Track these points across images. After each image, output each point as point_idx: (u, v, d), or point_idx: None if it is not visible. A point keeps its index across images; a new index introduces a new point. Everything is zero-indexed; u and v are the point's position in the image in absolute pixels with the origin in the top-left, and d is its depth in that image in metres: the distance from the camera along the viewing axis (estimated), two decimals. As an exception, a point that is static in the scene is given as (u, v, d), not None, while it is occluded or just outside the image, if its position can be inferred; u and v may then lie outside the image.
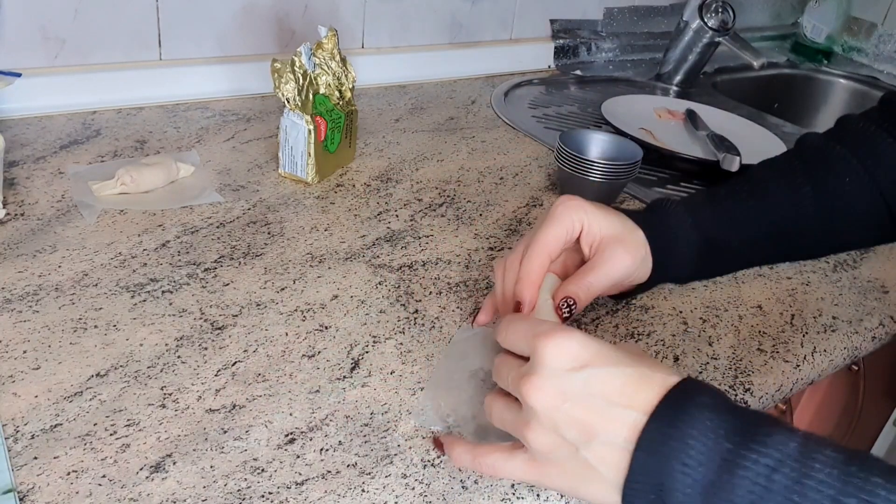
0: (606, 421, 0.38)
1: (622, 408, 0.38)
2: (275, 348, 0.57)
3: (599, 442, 0.38)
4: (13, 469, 0.44)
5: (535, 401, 0.40)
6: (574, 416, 0.39)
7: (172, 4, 0.94)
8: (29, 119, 0.87)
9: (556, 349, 0.40)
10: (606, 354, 0.40)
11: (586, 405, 0.39)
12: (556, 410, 0.39)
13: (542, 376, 0.40)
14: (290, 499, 0.45)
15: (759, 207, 0.58)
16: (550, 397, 0.39)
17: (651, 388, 0.38)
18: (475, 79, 1.22)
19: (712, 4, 1.26)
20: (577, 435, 0.39)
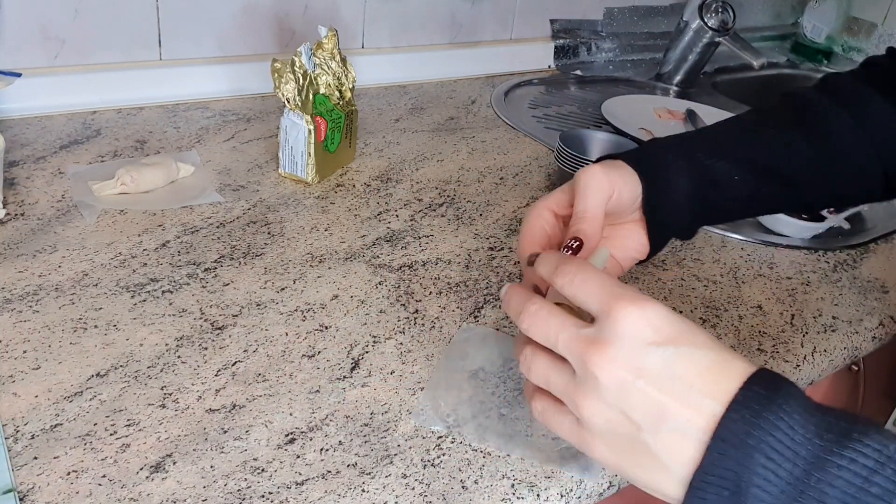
0: (682, 406, 0.34)
1: (702, 395, 0.34)
2: (275, 348, 0.57)
3: (669, 428, 0.34)
4: (13, 469, 0.44)
5: (603, 372, 0.35)
6: (647, 395, 0.35)
7: (172, 4, 0.94)
8: (29, 119, 0.87)
9: (639, 317, 0.35)
10: (692, 333, 0.36)
11: (663, 386, 0.35)
12: (627, 386, 0.35)
13: (617, 346, 0.35)
14: (290, 499, 0.45)
15: (754, 143, 0.56)
16: (624, 371, 0.35)
17: (732, 376, 0.35)
18: (475, 79, 1.22)
19: (712, 4, 1.26)
20: (645, 417, 0.35)
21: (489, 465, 0.49)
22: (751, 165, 0.55)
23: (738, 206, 0.58)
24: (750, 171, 0.56)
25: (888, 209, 0.96)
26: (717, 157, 0.55)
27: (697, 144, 0.55)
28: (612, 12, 1.39)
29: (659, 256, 0.76)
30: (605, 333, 0.36)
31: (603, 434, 0.37)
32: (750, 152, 0.56)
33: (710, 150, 0.55)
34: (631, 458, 0.36)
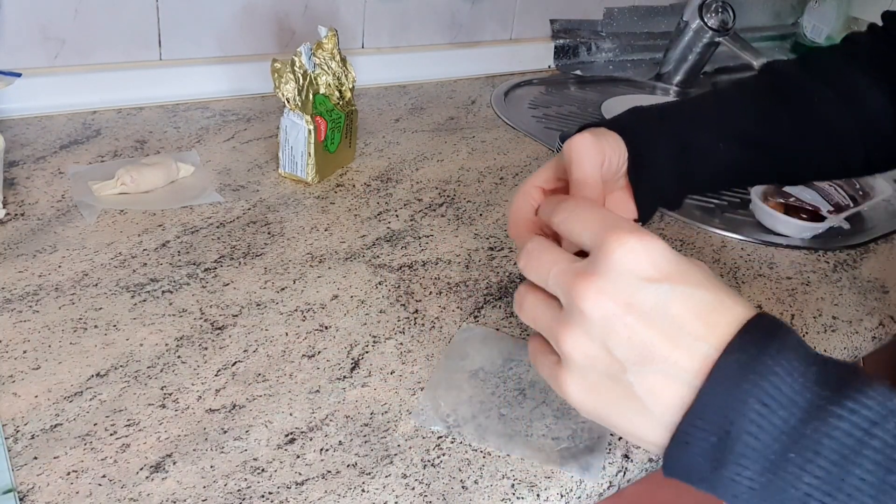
0: (672, 347, 0.32)
1: (694, 338, 0.32)
2: (275, 348, 0.57)
3: (655, 369, 0.32)
4: (13, 469, 0.44)
5: (589, 303, 0.33)
6: (635, 331, 0.32)
7: (172, 4, 0.94)
8: (29, 119, 0.87)
9: (635, 251, 0.33)
10: (691, 273, 0.33)
11: (654, 324, 0.32)
12: (614, 320, 0.32)
13: (608, 278, 0.33)
14: (290, 499, 0.45)
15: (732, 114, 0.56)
16: (613, 304, 0.32)
17: (729, 320, 0.32)
18: (475, 79, 1.22)
19: (712, 4, 1.26)
20: (631, 354, 0.32)
21: (489, 465, 0.49)
22: (733, 135, 0.55)
23: (722, 176, 0.57)
24: (732, 141, 0.55)
25: (888, 209, 0.96)
26: (699, 126, 0.54)
27: (679, 114, 0.55)
28: (612, 12, 1.38)
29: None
30: (596, 265, 0.33)
31: (581, 370, 0.34)
32: (731, 122, 0.56)
33: (693, 120, 0.55)
34: (610, 399, 0.34)
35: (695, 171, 0.54)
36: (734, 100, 0.57)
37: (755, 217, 0.88)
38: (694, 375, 0.32)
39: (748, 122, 0.56)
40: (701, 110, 0.56)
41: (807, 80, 0.58)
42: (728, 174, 0.57)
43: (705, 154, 0.54)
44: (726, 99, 0.58)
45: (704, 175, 0.55)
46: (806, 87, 0.58)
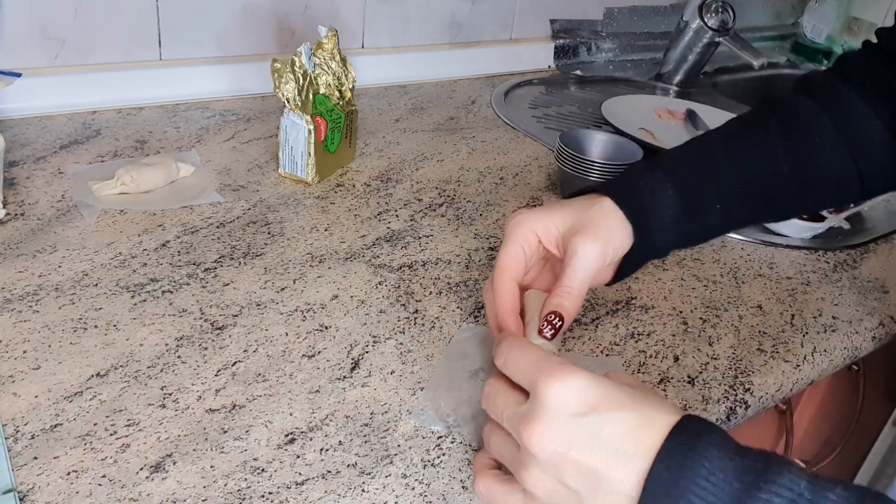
0: (614, 469, 0.36)
1: (628, 455, 0.36)
2: (275, 348, 0.57)
3: (606, 490, 0.37)
4: (13, 469, 0.44)
5: (536, 447, 0.38)
6: (580, 463, 0.37)
7: (172, 4, 0.94)
8: (29, 119, 0.87)
9: (560, 391, 0.38)
10: (612, 397, 0.38)
11: (593, 453, 0.37)
12: (560, 457, 0.37)
13: (545, 422, 0.38)
14: (290, 499, 0.45)
15: (736, 166, 0.56)
16: (555, 444, 0.37)
17: (655, 431, 0.37)
18: (475, 79, 1.22)
19: (712, 4, 1.26)
20: (582, 484, 0.37)
21: (489, 465, 0.49)
22: (735, 190, 0.56)
23: (715, 232, 0.60)
24: (733, 197, 0.57)
25: (888, 209, 0.96)
26: (704, 190, 0.55)
27: (687, 175, 0.55)
28: (612, 12, 1.38)
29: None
30: (534, 409, 0.38)
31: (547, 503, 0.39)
32: (734, 175, 0.56)
33: (698, 182, 0.55)
34: None
35: (690, 237, 0.58)
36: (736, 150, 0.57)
37: (755, 217, 0.88)
38: (635, 489, 0.36)
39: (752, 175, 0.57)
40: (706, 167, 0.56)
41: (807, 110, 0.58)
42: (720, 231, 0.60)
43: (705, 219, 0.57)
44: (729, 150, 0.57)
45: (698, 238, 0.59)
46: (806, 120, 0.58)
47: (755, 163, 0.57)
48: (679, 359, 0.62)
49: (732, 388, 0.60)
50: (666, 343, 0.63)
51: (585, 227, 0.50)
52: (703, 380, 0.60)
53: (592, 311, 0.66)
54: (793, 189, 0.58)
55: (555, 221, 0.51)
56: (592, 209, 0.51)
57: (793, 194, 0.58)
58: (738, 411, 0.58)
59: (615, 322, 0.65)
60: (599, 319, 0.65)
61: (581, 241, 0.49)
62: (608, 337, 0.63)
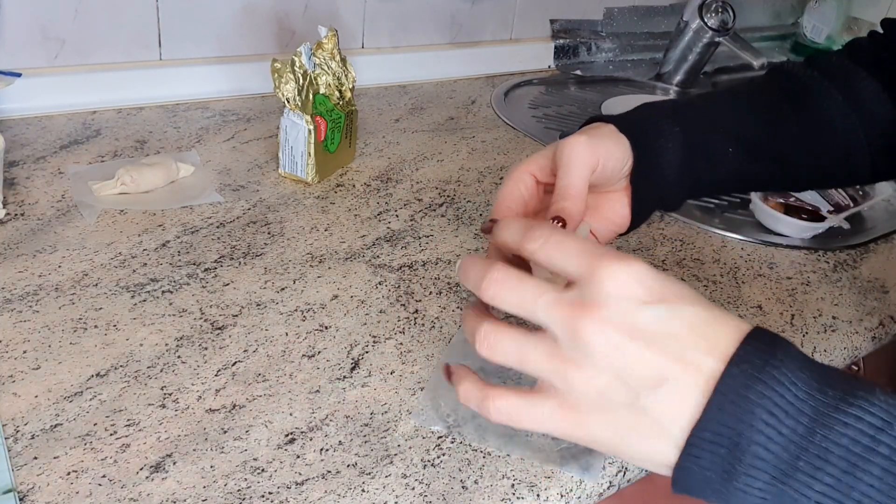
0: (682, 365, 0.32)
1: (701, 353, 0.32)
2: (275, 348, 0.57)
3: (668, 390, 0.32)
4: (13, 469, 0.44)
5: (596, 336, 0.32)
6: (644, 357, 0.32)
7: (172, 4, 0.94)
8: (29, 119, 0.87)
9: (627, 277, 0.33)
10: (681, 291, 0.34)
11: (660, 345, 0.32)
12: (622, 350, 0.32)
13: (608, 307, 0.32)
14: (290, 499, 0.45)
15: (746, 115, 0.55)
16: (618, 334, 0.32)
17: (729, 333, 0.33)
18: (475, 79, 1.22)
19: (712, 4, 1.26)
20: (643, 380, 0.32)
21: (489, 465, 0.49)
22: (743, 140, 0.54)
23: (728, 182, 0.56)
24: (741, 146, 0.54)
25: (888, 209, 0.96)
26: (711, 129, 0.53)
27: (692, 115, 0.53)
28: (612, 12, 1.38)
29: (658, 257, 0.76)
30: (592, 295, 0.33)
31: (599, 407, 0.33)
32: (742, 126, 0.55)
33: (704, 122, 0.53)
34: (629, 428, 0.33)
35: (701, 176, 0.54)
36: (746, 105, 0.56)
37: (755, 217, 0.88)
38: (703, 391, 0.32)
39: (758, 128, 0.56)
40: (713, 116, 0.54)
41: (816, 81, 0.57)
42: (733, 180, 0.57)
43: (713, 159, 0.53)
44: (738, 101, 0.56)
45: (710, 180, 0.55)
46: (815, 90, 0.57)
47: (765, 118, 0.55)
48: (679, 359, 0.62)
49: (732, 388, 0.60)
50: (666, 343, 0.63)
51: (581, 133, 0.47)
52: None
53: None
54: (804, 153, 0.57)
55: (545, 154, 0.47)
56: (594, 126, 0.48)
57: (804, 159, 0.57)
58: (738, 411, 0.58)
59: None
60: (599, 319, 0.65)
61: (565, 142, 0.45)
62: (608, 337, 0.63)
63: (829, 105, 0.57)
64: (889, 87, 0.57)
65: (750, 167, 0.56)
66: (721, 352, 0.32)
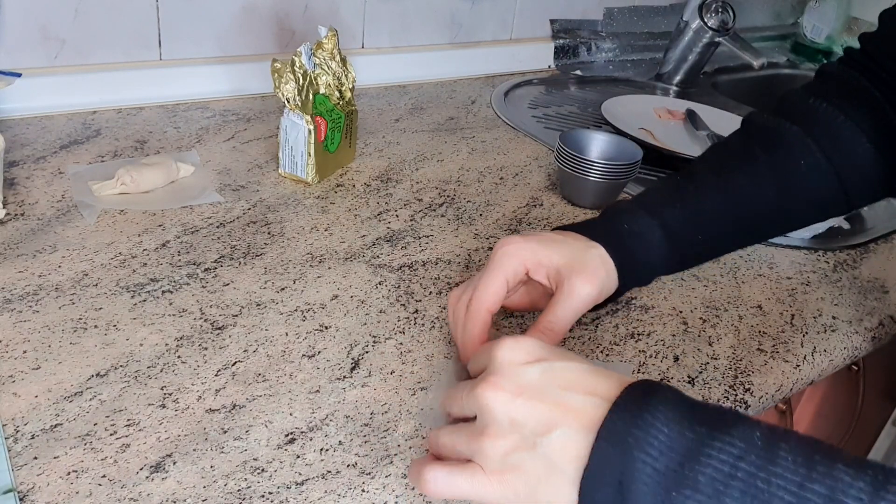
0: (566, 409, 0.37)
1: (583, 395, 0.38)
2: (275, 348, 0.57)
3: (559, 433, 0.37)
4: (13, 469, 0.44)
5: (491, 400, 0.39)
6: (532, 407, 0.38)
7: (172, 4, 0.94)
8: (29, 119, 0.87)
9: (510, 347, 0.40)
10: (562, 353, 0.40)
11: (544, 395, 0.38)
12: (512, 404, 0.38)
13: (498, 374, 0.39)
14: (290, 499, 0.45)
15: (725, 201, 0.57)
16: (507, 392, 0.38)
17: (610, 380, 0.38)
18: (475, 79, 1.22)
19: (712, 4, 1.26)
20: (536, 427, 0.37)
21: (489, 465, 0.49)
22: (721, 226, 0.58)
23: (693, 263, 0.62)
24: (719, 233, 0.58)
25: (888, 209, 0.96)
26: (691, 226, 0.57)
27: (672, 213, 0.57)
28: (612, 12, 1.38)
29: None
30: (488, 370, 0.40)
31: (512, 465, 0.38)
32: (723, 212, 0.58)
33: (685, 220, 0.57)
34: (538, 476, 0.37)
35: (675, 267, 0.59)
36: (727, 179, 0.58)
37: (755, 217, 0.87)
38: (589, 430, 0.36)
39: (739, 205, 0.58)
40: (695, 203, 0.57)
41: (790, 133, 0.59)
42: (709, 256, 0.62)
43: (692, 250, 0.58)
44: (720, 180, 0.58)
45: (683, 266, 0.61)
46: (788, 143, 0.58)
47: (743, 197, 0.58)
48: (679, 359, 0.62)
49: (732, 388, 0.60)
50: (666, 343, 0.63)
51: (584, 270, 0.52)
52: (703, 380, 0.60)
53: (592, 311, 0.66)
54: (778, 216, 0.59)
55: (549, 255, 0.52)
56: (590, 253, 0.53)
57: (778, 220, 0.60)
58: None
59: (615, 322, 0.65)
60: (599, 319, 0.65)
61: (580, 283, 0.51)
62: (608, 337, 0.63)
63: (805, 160, 0.58)
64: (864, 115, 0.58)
65: (721, 246, 0.61)
66: (604, 392, 0.37)
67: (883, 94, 0.58)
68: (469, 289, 0.54)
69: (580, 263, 0.52)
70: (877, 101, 0.58)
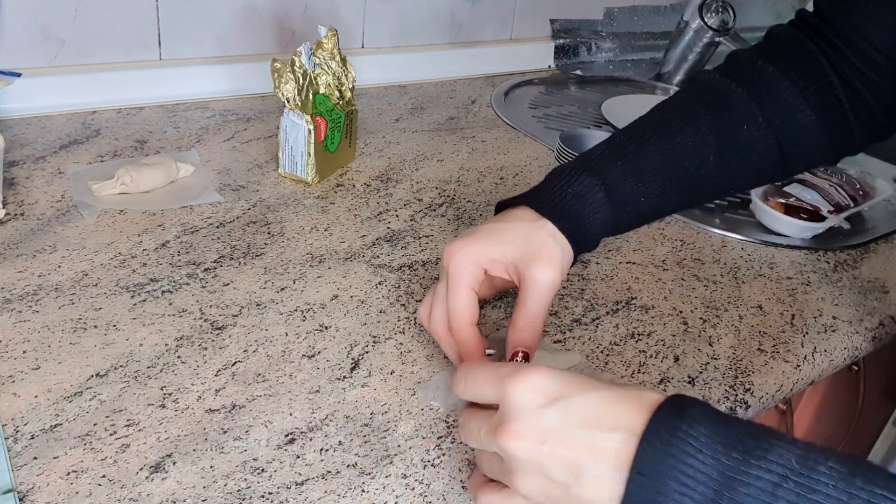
0: (592, 453, 0.36)
1: (606, 432, 0.36)
2: (275, 348, 0.57)
3: (589, 476, 0.36)
4: (13, 469, 0.44)
5: (514, 449, 0.38)
6: (558, 454, 0.37)
7: (172, 4, 0.94)
8: (29, 119, 0.87)
9: (525, 388, 0.38)
10: (577, 383, 0.39)
11: (568, 441, 0.37)
12: (538, 454, 0.37)
13: (517, 421, 0.38)
14: (290, 499, 0.45)
15: (667, 160, 0.57)
16: (530, 441, 0.37)
17: (634, 406, 0.37)
18: (475, 79, 1.22)
19: (712, 4, 1.26)
20: (566, 475, 0.37)
21: (489, 465, 0.49)
22: (662, 185, 0.57)
23: (639, 223, 0.60)
24: (659, 191, 0.57)
25: (888, 209, 0.96)
26: (633, 184, 0.56)
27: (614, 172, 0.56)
28: (612, 12, 1.39)
29: (659, 256, 0.76)
30: (505, 414, 0.39)
31: (547, 499, 0.38)
32: (663, 171, 0.57)
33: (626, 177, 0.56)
34: None
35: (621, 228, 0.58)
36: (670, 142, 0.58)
37: (755, 217, 0.88)
38: (619, 469, 0.36)
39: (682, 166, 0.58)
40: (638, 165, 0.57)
41: (735, 95, 0.58)
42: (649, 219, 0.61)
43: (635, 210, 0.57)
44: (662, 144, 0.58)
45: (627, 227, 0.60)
46: (732, 106, 0.58)
47: (685, 157, 0.57)
48: (679, 359, 0.62)
49: (732, 388, 0.60)
50: (666, 343, 0.63)
51: (540, 256, 0.51)
52: (703, 380, 0.60)
53: (592, 311, 0.66)
54: (716, 178, 0.59)
55: (502, 251, 0.51)
56: (539, 235, 0.52)
57: (715, 183, 0.59)
58: (738, 411, 0.58)
59: (615, 322, 0.65)
60: (599, 319, 0.65)
61: (540, 271, 0.50)
62: (608, 337, 0.63)
63: (748, 125, 0.58)
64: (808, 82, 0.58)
65: (660, 206, 0.59)
66: (629, 425, 0.36)
67: (829, 60, 0.58)
68: (437, 303, 0.53)
69: (534, 250, 0.51)
70: (822, 68, 0.58)
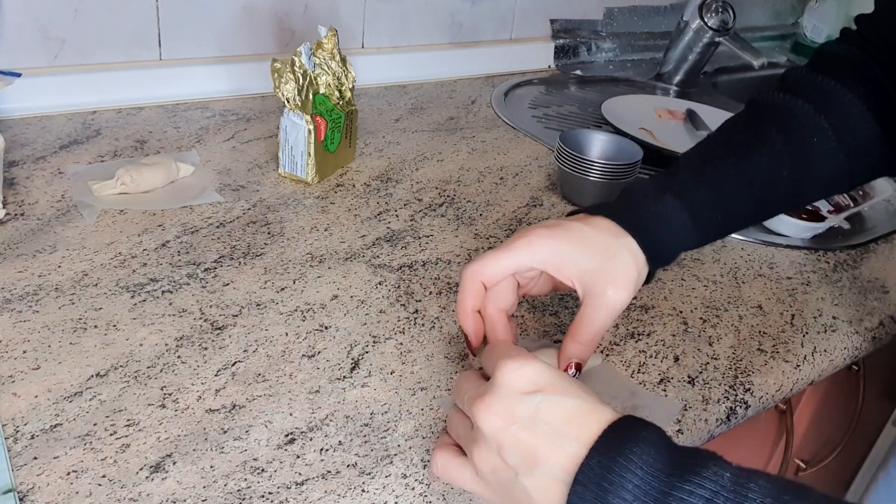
0: (551, 450, 0.38)
1: (568, 438, 0.38)
2: (275, 348, 0.57)
3: (541, 471, 0.38)
4: (13, 469, 0.44)
5: (483, 421, 0.40)
6: (519, 439, 0.39)
7: (172, 4, 0.94)
8: (29, 119, 0.87)
9: (513, 371, 0.40)
10: (562, 384, 0.40)
11: (533, 430, 0.38)
12: (502, 431, 0.39)
13: (493, 396, 0.40)
14: (290, 499, 0.45)
15: (744, 180, 0.56)
16: (499, 418, 0.39)
17: (596, 421, 0.38)
18: (475, 79, 1.22)
19: (712, 4, 1.26)
20: (520, 460, 0.38)
21: (489, 465, 0.49)
22: (741, 206, 0.57)
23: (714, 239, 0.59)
24: (738, 212, 0.57)
25: (888, 209, 0.96)
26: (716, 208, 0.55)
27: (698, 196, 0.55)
28: (612, 12, 1.38)
29: (659, 256, 0.76)
30: (488, 387, 0.41)
31: (497, 483, 0.40)
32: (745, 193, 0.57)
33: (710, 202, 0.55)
34: (519, 500, 0.39)
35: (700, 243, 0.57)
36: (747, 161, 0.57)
37: (755, 217, 0.87)
38: (568, 473, 0.37)
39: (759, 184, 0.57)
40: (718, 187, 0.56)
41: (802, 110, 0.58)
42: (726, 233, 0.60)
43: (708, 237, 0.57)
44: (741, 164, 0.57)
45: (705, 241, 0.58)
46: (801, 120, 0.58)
47: (762, 176, 0.57)
48: (679, 359, 0.62)
49: (732, 388, 0.60)
50: (666, 343, 0.63)
51: (616, 276, 0.49)
52: (703, 380, 0.60)
53: None
54: (789, 193, 0.59)
55: (575, 258, 0.49)
56: (620, 254, 0.50)
57: (789, 198, 0.59)
58: (738, 411, 0.58)
59: (615, 322, 0.65)
60: (599, 319, 0.65)
61: (615, 292, 0.49)
62: (608, 337, 0.63)
63: (818, 138, 0.58)
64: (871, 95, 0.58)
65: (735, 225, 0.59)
66: (586, 438, 0.38)
67: (883, 71, 0.58)
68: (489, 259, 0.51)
69: (613, 269, 0.49)
70: (878, 78, 0.58)
